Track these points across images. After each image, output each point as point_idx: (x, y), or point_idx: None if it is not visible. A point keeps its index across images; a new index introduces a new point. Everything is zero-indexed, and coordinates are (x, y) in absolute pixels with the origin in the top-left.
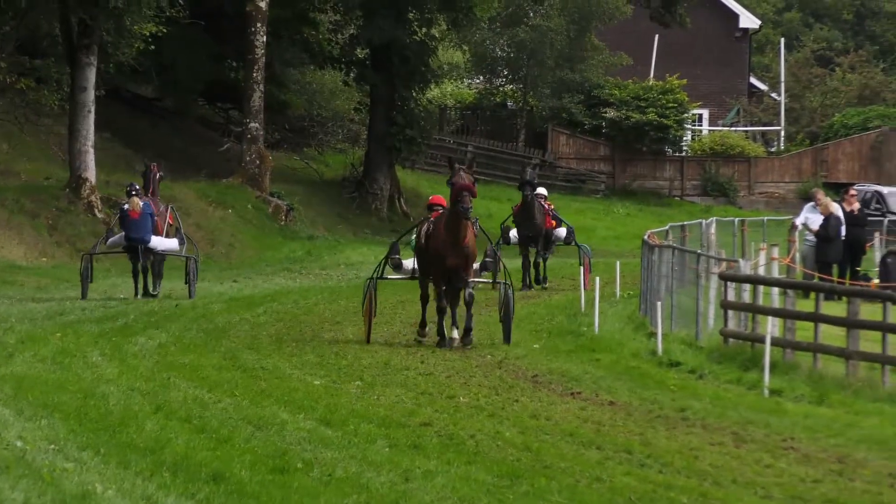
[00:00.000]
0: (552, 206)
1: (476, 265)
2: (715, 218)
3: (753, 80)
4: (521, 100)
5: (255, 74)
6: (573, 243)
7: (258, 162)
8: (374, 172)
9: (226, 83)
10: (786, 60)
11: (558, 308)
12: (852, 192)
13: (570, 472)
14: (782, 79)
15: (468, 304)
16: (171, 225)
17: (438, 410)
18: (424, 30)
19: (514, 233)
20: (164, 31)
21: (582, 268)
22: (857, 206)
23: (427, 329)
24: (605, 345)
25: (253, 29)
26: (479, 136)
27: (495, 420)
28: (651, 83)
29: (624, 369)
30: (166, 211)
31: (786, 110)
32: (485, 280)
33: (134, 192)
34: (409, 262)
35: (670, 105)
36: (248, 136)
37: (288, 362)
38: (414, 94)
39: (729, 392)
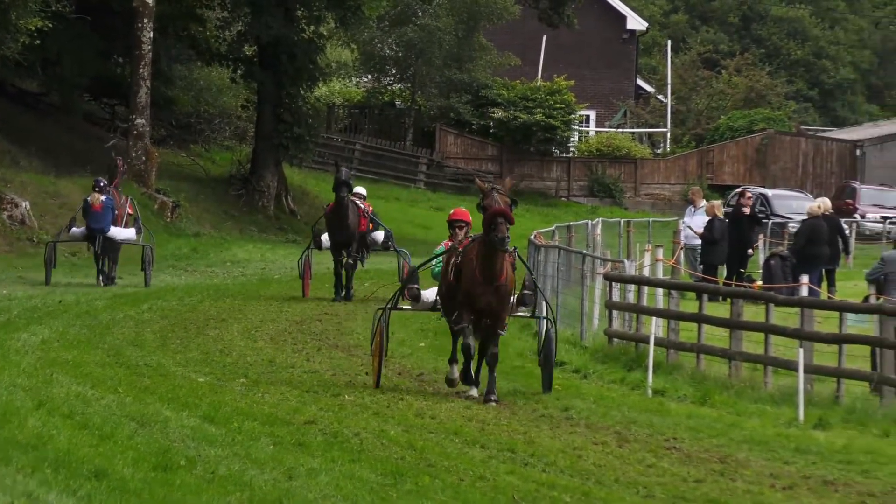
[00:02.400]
0: (371, 208)
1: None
2: (601, 219)
3: (640, 82)
4: (409, 99)
5: (141, 70)
6: (392, 248)
7: (144, 158)
8: (261, 170)
9: (112, 79)
10: (672, 63)
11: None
12: (749, 194)
13: (454, 470)
14: (669, 81)
15: (490, 366)
16: (130, 215)
17: (323, 408)
18: (313, 28)
19: (325, 237)
20: (50, 25)
21: (402, 274)
22: (747, 209)
23: (457, 369)
24: None
25: (140, 25)
26: (366, 134)
27: (380, 418)
28: (539, 84)
29: (509, 369)
30: (126, 202)
31: (672, 112)
32: (523, 314)
33: (98, 188)
34: (430, 293)
35: (558, 106)
36: (135, 132)
37: (172, 359)
38: (302, 91)
39: (613, 392)
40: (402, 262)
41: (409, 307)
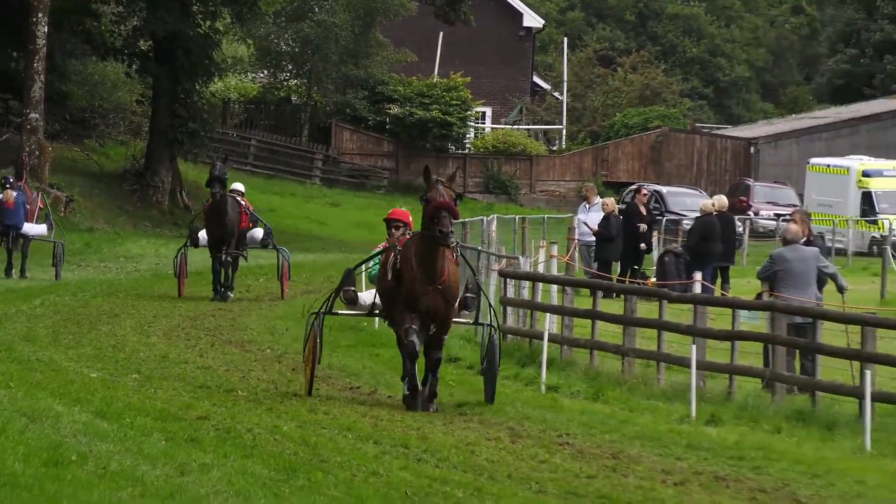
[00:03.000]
0: (250, 205)
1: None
2: (496, 215)
3: (537, 79)
4: (305, 94)
5: (35, 65)
6: (271, 246)
7: (38, 153)
8: (156, 165)
9: (6, 73)
10: (568, 60)
11: (339, 304)
12: (644, 191)
13: (347, 466)
14: (565, 78)
15: (432, 370)
16: (41, 209)
17: (216, 404)
18: (208, 23)
19: (203, 234)
20: None
21: (280, 273)
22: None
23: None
24: (384, 340)
25: (34, 19)
26: (262, 130)
27: (273, 414)
28: (435, 80)
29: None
30: (37, 198)
31: (568, 109)
32: (464, 321)
33: (8, 185)
34: (367, 296)
35: (454, 102)
36: (28, 126)
37: (64, 354)
38: (197, 87)
39: (506, 388)
40: (281, 259)
41: (346, 312)
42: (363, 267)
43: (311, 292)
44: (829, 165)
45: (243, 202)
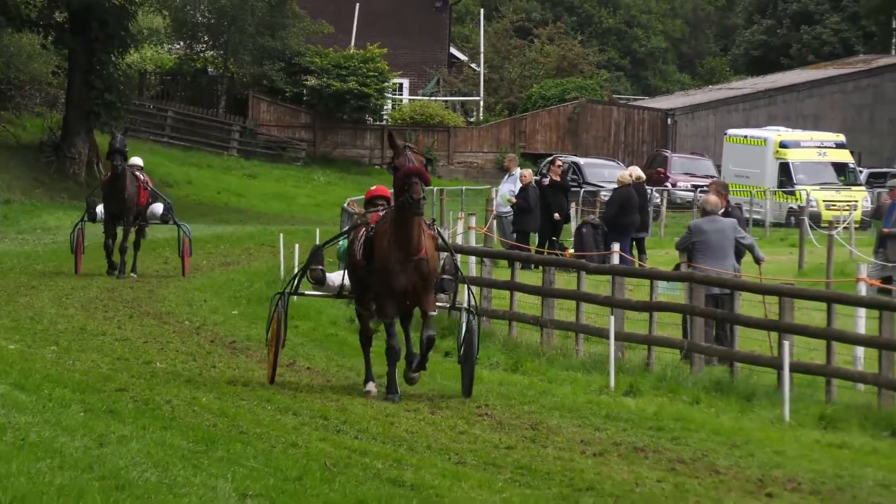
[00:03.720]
0: (149, 180)
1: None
2: None
3: (454, 51)
4: (221, 66)
5: None
6: (171, 221)
7: None
8: (72, 137)
9: None
10: (485, 31)
11: (257, 275)
12: (559, 162)
13: (267, 437)
14: (482, 49)
15: (425, 349)
16: None
17: (135, 376)
18: None
19: (100, 208)
20: None
21: (181, 249)
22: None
23: (374, 386)
24: (303, 312)
25: None
26: (179, 101)
27: (192, 386)
28: (352, 52)
29: (322, 336)
30: None
31: (485, 81)
32: (441, 304)
33: None
34: (336, 276)
35: (371, 74)
36: None
37: None
38: (113, 58)
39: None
40: (181, 235)
41: (312, 292)
42: (336, 244)
43: (229, 264)
44: (746, 136)
45: (142, 177)
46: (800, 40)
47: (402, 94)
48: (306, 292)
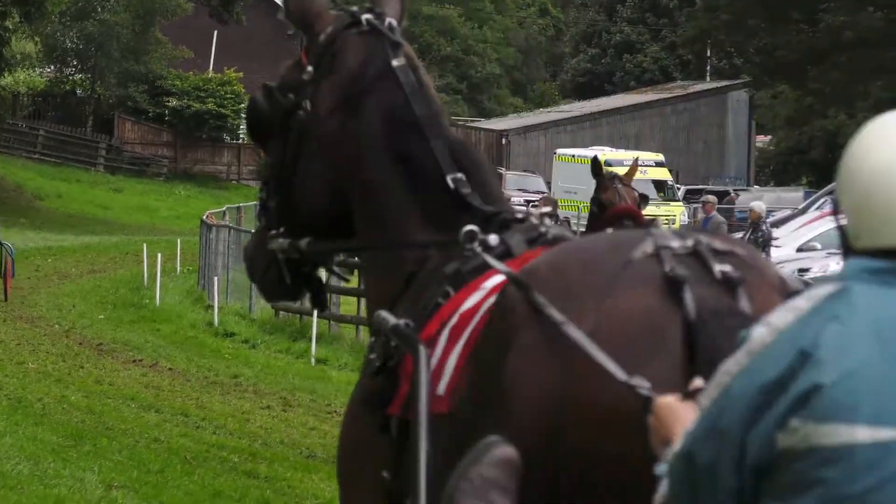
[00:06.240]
0: None
1: None
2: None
3: None
4: (89, 88)
5: None
6: None
7: None
8: None
9: None
10: None
11: (122, 282)
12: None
13: (131, 433)
14: None
15: None
16: None
17: (8, 375)
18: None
19: None
20: None
21: (3, 270)
22: None
23: None
24: (165, 316)
25: None
26: (50, 121)
27: (62, 385)
28: (210, 75)
29: (183, 339)
30: None
31: None
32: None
33: None
34: None
35: (228, 96)
36: None
37: None
38: None
39: (279, 360)
40: (4, 255)
41: None
42: None
43: (96, 272)
44: (573, 155)
45: None
46: (623, 68)
47: None
48: None
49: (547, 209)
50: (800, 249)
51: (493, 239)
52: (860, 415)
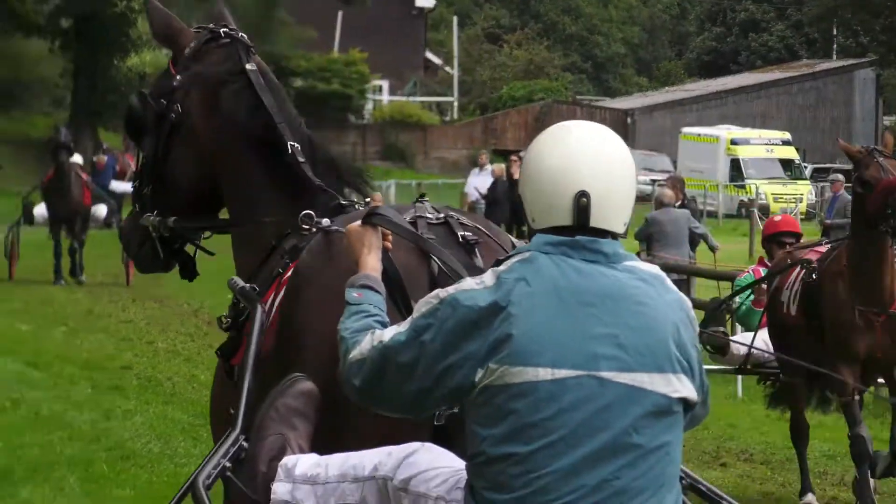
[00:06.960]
0: (90, 178)
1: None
2: (394, 181)
3: (429, 55)
4: None
5: None
6: (115, 226)
7: None
8: (79, 135)
9: None
10: (458, 37)
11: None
12: (513, 158)
13: None
14: (455, 53)
15: None
16: None
17: (138, 355)
18: (125, 2)
19: (40, 210)
20: None
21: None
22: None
23: (814, 498)
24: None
25: None
26: None
27: (191, 364)
28: (335, 56)
29: None
30: None
31: (458, 83)
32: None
33: None
34: (743, 341)
35: (353, 76)
36: None
37: None
38: (115, 62)
39: None
40: None
41: (711, 366)
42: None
43: (226, 251)
44: (699, 134)
45: (84, 176)
46: (748, 46)
47: (381, 96)
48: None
49: (378, 196)
50: None
51: (325, 221)
52: (543, 359)
